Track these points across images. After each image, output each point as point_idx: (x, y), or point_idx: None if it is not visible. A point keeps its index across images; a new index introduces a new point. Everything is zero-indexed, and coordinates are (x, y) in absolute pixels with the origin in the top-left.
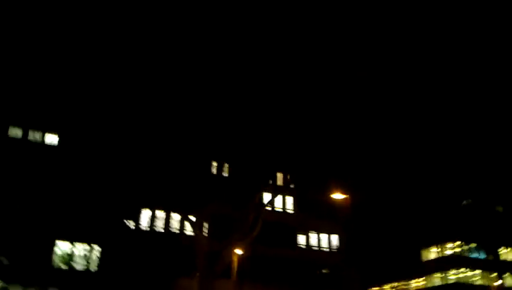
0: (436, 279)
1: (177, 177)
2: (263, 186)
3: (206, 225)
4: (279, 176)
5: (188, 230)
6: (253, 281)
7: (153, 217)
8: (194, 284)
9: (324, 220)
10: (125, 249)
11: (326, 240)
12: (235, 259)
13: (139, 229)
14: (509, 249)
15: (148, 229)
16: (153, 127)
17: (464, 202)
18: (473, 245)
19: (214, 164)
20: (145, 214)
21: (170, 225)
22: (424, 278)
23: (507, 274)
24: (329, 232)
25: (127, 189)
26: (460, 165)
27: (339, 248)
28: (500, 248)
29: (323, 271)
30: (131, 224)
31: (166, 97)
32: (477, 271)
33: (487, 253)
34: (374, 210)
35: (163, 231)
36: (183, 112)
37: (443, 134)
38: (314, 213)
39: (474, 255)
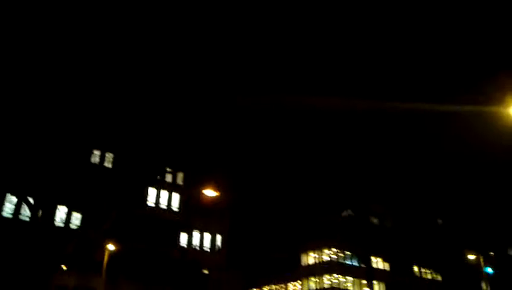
0: (312, 283)
1: (51, 164)
2: (148, 180)
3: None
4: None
5: (58, 220)
6: (131, 279)
7: (19, 205)
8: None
9: (209, 220)
10: None
11: (209, 240)
12: (106, 255)
13: (1, 216)
14: (379, 258)
15: (11, 217)
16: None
17: (344, 213)
18: (348, 253)
19: (96, 152)
20: (10, 201)
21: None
22: (300, 282)
23: (376, 282)
24: (214, 232)
25: None
26: (343, 175)
27: (222, 249)
28: (371, 256)
29: (204, 271)
30: None
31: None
32: (350, 278)
33: (360, 261)
34: (256, 212)
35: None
36: (64, 95)
37: (331, 145)
38: (199, 212)
39: (349, 262)
